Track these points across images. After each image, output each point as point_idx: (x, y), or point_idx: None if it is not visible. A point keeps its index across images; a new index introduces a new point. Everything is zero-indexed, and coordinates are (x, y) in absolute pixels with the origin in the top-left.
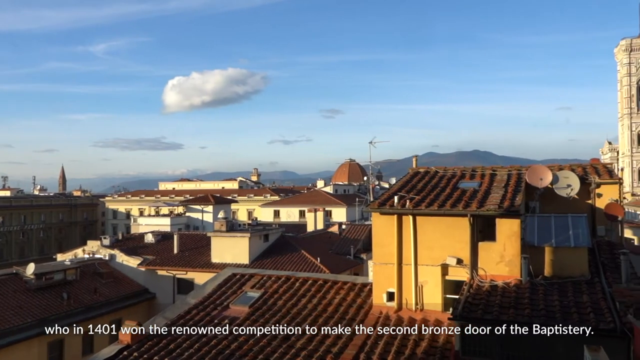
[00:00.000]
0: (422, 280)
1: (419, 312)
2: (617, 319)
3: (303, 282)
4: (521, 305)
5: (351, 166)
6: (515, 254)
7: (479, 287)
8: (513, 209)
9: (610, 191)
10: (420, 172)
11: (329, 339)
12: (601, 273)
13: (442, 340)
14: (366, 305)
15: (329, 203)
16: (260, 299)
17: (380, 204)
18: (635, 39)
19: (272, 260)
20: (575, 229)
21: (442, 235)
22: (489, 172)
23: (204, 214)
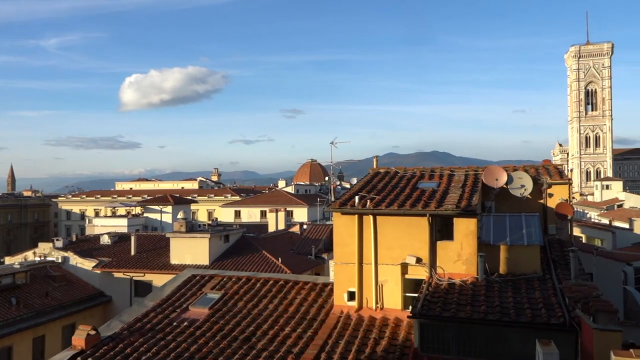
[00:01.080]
0: (383, 279)
1: (380, 311)
2: (566, 314)
3: (264, 282)
4: (477, 302)
5: (313, 166)
6: (472, 253)
7: (438, 286)
8: (470, 209)
9: (560, 191)
10: (380, 172)
11: (290, 340)
12: (552, 270)
13: (402, 338)
14: (327, 305)
15: (291, 203)
16: (221, 300)
17: (341, 204)
18: (584, 46)
19: (233, 261)
20: (528, 227)
21: (402, 234)
22: (447, 173)
23: (163, 214)
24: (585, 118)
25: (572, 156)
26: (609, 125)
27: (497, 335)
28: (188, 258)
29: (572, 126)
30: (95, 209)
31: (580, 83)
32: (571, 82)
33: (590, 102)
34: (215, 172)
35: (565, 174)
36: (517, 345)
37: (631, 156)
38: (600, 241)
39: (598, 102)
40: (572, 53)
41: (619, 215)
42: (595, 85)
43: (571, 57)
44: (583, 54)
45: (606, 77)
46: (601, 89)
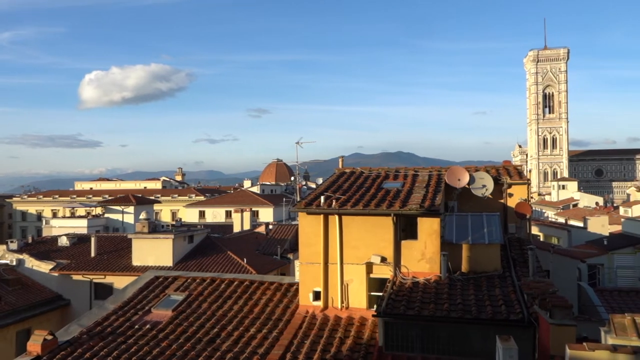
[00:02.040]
0: (348, 278)
1: (345, 310)
2: (525, 310)
3: (229, 283)
4: (440, 300)
5: (278, 166)
6: (436, 252)
7: (402, 284)
8: (433, 209)
9: (520, 191)
10: (346, 172)
11: (255, 340)
12: (512, 267)
13: (367, 336)
14: (293, 305)
15: (256, 203)
16: (185, 301)
17: (306, 204)
18: (542, 51)
19: (197, 261)
20: (489, 226)
21: (367, 234)
22: (411, 173)
23: (125, 215)
24: (543, 120)
25: (530, 157)
26: (565, 128)
27: (459, 332)
28: (151, 259)
29: (530, 128)
30: (53, 210)
31: (539, 86)
32: (530, 86)
33: (547, 105)
34: (179, 171)
35: (524, 175)
36: (478, 341)
37: (585, 157)
38: (557, 239)
39: (555, 105)
40: (530, 57)
41: (574, 215)
42: (553, 89)
43: (530, 61)
44: (541, 59)
45: (562, 81)
46: (558, 93)
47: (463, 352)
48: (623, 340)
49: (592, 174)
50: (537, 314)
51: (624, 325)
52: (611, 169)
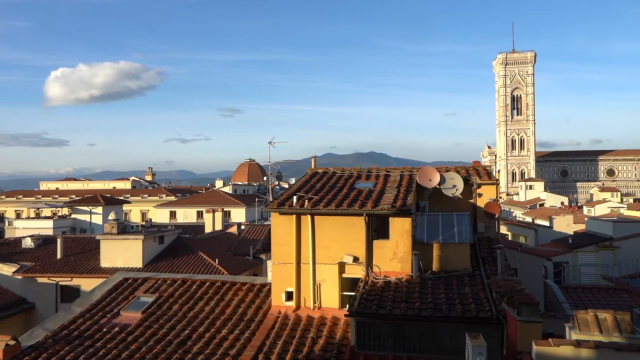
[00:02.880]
0: (320, 278)
1: (317, 310)
2: (493, 308)
3: (200, 284)
4: (412, 299)
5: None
6: (407, 251)
7: (374, 284)
8: (405, 208)
9: (489, 191)
10: (318, 172)
11: (227, 342)
12: (481, 266)
13: (339, 336)
14: (265, 306)
15: (228, 203)
16: (155, 303)
17: (279, 204)
18: (510, 54)
19: (168, 263)
20: (459, 226)
21: (340, 234)
22: (383, 173)
23: (93, 215)
24: (511, 122)
25: (499, 158)
26: (532, 129)
27: (430, 330)
28: (120, 261)
29: (499, 129)
30: (17, 210)
31: (507, 89)
32: (499, 88)
33: (516, 107)
34: (149, 171)
35: (493, 175)
36: (448, 339)
37: (551, 158)
38: (524, 238)
39: (523, 108)
40: (499, 60)
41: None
42: (520, 92)
43: (499, 64)
44: (509, 62)
45: (530, 83)
46: (525, 95)
47: (434, 349)
48: (586, 336)
49: (558, 174)
50: (505, 312)
51: (587, 321)
52: (576, 170)
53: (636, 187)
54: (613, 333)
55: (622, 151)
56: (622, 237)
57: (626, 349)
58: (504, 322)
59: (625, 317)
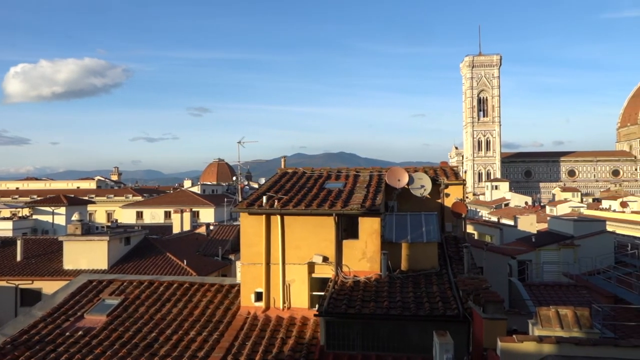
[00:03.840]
0: (290, 279)
1: (287, 311)
2: (460, 306)
3: (168, 286)
4: (381, 299)
5: (220, 166)
6: (376, 251)
7: (343, 283)
8: (374, 208)
9: (456, 191)
10: (288, 172)
11: (195, 344)
12: (448, 265)
13: (309, 336)
14: (234, 307)
15: (197, 203)
16: (120, 306)
17: (248, 204)
18: (476, 57)
19: (135, 264)
20: (427, 225)
21: (309, 234)
22: (353, 173)
23: (55, 216)
24: (478, 124)
25: (466, 158)
26: (498, 131)
27: (398, 329)
28: (84, 263)
29: (466, 131)
30: None
31: (474, 91)
32: (466, 90)
33: (482, 109)
34: (115, 171)
35: (460, 175)
36: (417, 337)
37: (516, 159)
38: (490, 237)
39: (489, 109)
40: (466, 62)
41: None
42: (487, 94)
43: (466, 67)
44: (476, 64)
45: (495, 86)
46: (491, 97)
47: (402, 348)
48: (548, 331)
49: (522, 175)
50: (471, 309)
51: (549, 317)
52: (539, 171)
53: (595, 187)
54: (573, 328)
55: (582, 153)
56: (582, 236)
57: (585, 343)
58: (470, 319)
59: (584, 313)
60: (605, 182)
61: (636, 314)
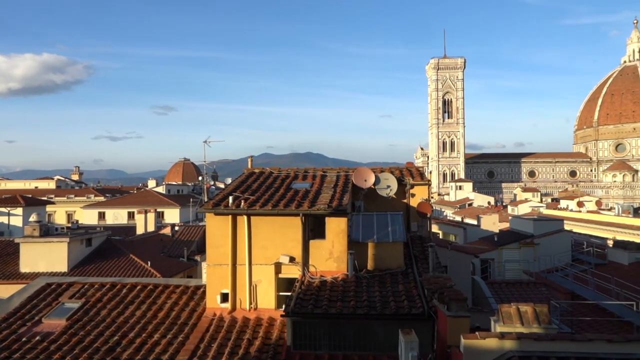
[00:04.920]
0: (256, 279)
1: (253, 311)
2: (425, 304)
3: (131, 288)
4: (347, 298)
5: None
6: (343, 251)
7: (310, 283)
8: (341, 208)
9: (421, 191)
10: (255, 172)
11: (159, 347)
12: (414, 264)
13: (275, 336)
14: (199, 308)
15: (161, 204)
16: (81, 309)
17: (214, 205)
18: (442, 59)
19: (96, 266)
20: (393, 225)
21: (276, 234)
22: (320, 174)
23: (11, 217)
24: (443, 125)
25: (431, 159)
26: (462, 132)
27: (365, 328)
28: (42, 265)
29: (431, 132)
30: None
31: (439, 93)
32: (431, 92)
33: (447, 111)
34: (76, 170)
35: (425, 176)
36: (383, 336)
37: (479, 160)
38: (454, 236)
39: (453, 111)
40: (431, 65)
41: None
42: (451, 96)
43: (431, 69)
44: (441, 67)
45: (460, 88)
46: (456, 99)
47: (368, 347)
48: (509, 328)
49: (485, 175)
50: (436, 308)
51: (510, 314)
52: (501, 171)
53: (554, 187)
54: (533, 324)
55: (541, 154)
56: (541, 235)
57: (543, 338)
58: (434, 317)
59: (543, 309)
60: (563, 183)
61: (591, 309)
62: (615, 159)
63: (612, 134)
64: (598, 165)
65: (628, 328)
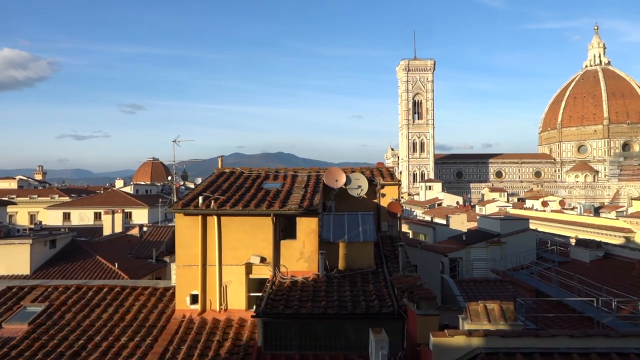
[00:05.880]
0: (227, 280)
1: (224, 313)
2: (395, 303)
3: (97, 290)
4: (318, 298)
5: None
6: (314, 251)
7: (281, 284)
8: (312, 208)
9: (391, 191)
10: (225, 172)
11: (126, 350)
12: (384, 264)
13: (246, 337)
14: (168, 310)
15: (129, 204)
16: (44, 313)
17: (184, 205)
18: (412, 61)
19: (61, 268)
20: (364, 225)
21: (247, 234)
22: (291, 174)
23: None
24: (413, 126)
25: (402, 160)
26: (431, 133)
27: (336, 328)
28: (3, 268)
29: (402, 132)
30: None
31: (409, 94)
32: (401, 93)
33: (417, 112)
34: (39, 170)
35: (395, 176)
36: (353, 335)
37: (448, 161)
38: (424, 236)
39: (423, 112)
40: (402, 66)
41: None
42: (421, 97)
43: (401, 70)
44: (411, 68)
45: (429, 89)
46: (426, 100)
47: (339, 346)
48: (477, 325)
49: (454, 175)
50: (406, 306)
51: (477, 311)
52: (469, 172)
53: (520, 187)
54: (499, 321)
55: (508, 155)
56: (508, 234)
57: (509, 335)
58: (404, 316)
59: (509, 307)
60: (528, 183)
61: (555, 305)
62: (578, 160)
63: (574, 136)
64: (562, 166)
65: (589, 323)
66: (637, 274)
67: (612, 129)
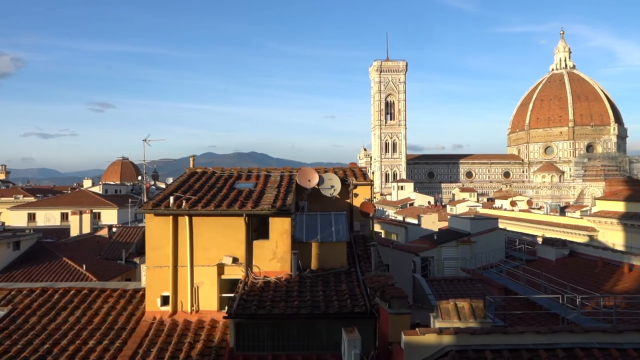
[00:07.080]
0: (198, 281)
1: (195, 314)
2: (367, 303)
3: (64, 293)
4: (291, 298)
5: (124, 165)
6: (287, 251)
7: (254, 284)
8: (285, 209)
9: (364, 191)
10: (197, 172)
11: (94, 354)
12: (357, 263)
13: (218, 339)
14: (138, 312)
15: (98, 204)
16: (7, 317)
17: (154, 205)
18: (384, 62)
19: (25, 271)
20: (336, 225)
21: (219, 235)
22: (264, 174)
23: None
24: (385, 126)
25: (374, 160)
26: (403, 134)
27: (309, 328)
28: None
29: (374, 133)
30: None
31: (382, 95)
32: (374, 94)
33: (389, 112)
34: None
35: (368, 176)
36: (326, 335)
37: (420, 161)
38: (396, 235)
39: (395, 113)
40: (375, 67)
41: (411, 213)
42: (394, 98)
43: (374, 71)
44: (384, 69)
45: (402, 90)
46: (398, 101)
47: (312, 347)
48: (447, 323)
49: (426, 176)
50: (378, 305)
51: (448, 310)
52: (440, 172)
53: (489, 187)
54: (469, 319)
55: (478, 155)
56: (478, 233)
57: (479, 332)
58: (377, 315)
59: (479, 305)
60: (498, 183)
61: (522, 303)
62: (544, 160)
63: (541, 137)
64: (529, 166)
65: (555, 320)
66: (600, 271)
67: (577, 131)
